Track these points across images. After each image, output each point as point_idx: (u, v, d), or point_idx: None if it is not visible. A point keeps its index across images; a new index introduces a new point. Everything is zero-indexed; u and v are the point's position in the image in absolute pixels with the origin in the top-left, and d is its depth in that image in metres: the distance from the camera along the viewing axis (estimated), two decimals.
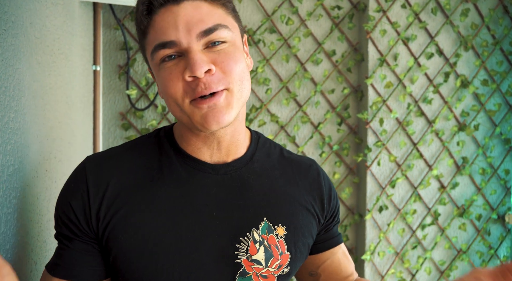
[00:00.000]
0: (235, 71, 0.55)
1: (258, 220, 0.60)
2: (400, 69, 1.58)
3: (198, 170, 0.59)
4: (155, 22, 0.55)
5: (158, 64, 0.56)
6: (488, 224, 1.66)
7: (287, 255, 0.61)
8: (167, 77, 0.55)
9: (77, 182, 0.58)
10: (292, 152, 0.69)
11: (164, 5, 0.54)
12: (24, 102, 0.67)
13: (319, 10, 1.56)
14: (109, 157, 0.60)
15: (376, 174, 1.57)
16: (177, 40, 0.53)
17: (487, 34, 1.64)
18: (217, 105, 0.54)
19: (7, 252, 0.60)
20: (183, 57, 0.54)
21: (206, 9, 0.54)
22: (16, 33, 0.63)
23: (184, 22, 0.53)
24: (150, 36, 0.56)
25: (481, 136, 1.66)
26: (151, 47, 0.56)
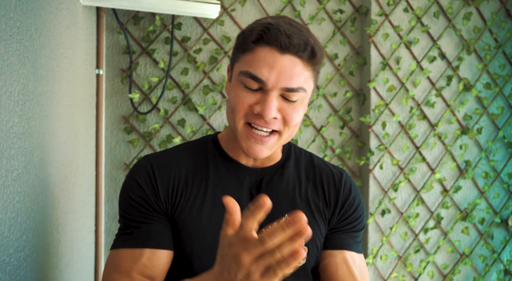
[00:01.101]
0: (293, 123, 0.66)
1: (280, 217, 0.68)
2: (402, 73, 1.58)
3: (237, 171, 0.72)
4: (257, 51, 0.63)
5: (239, 82, 0.65)
6: (491, 227, 1.65)
7: (304, 249, 0.70)
8: (241, 99, 0.65)
9: (144, 173, 0.69)
10: (324, 161, 0.79)
11: (271, 45, 0.62)
12: (28, 107, 0.67)
13: (321, 14, 1.57)
14: (165, 156, 0.72)
15: (379, 177, 1.57)
16: (266, 81, 0.63)
17: (489, 37, 1.64)
18: (263, 143, 0.66)
19: (10, 256, 0.60)
20: (261, 91, 0.64)
21: (298, 69, 0.63)
22: (21, 39, 0.64)
23: (278, 71, 0.62)
24: (247, 58, 0.65)
25: (484, 139, 1.65)
26: (244, 69, 0.64)
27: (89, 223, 1.27)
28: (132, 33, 1.46)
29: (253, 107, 0.64)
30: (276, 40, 0.62)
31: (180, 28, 1.48)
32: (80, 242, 1.11)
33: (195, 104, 1.49)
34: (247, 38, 0.65)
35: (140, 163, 0.71)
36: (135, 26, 1.47)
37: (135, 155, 1.47)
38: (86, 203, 1.21)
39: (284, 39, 0.62)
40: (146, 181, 0.68)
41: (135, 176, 0.69)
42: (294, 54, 0.63)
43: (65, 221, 0.92)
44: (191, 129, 1.48)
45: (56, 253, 0.85)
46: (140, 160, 0.72)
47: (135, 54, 1.47)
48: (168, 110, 1.48)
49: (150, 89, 1.47)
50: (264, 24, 0.64)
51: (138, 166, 0.71)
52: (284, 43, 0.62)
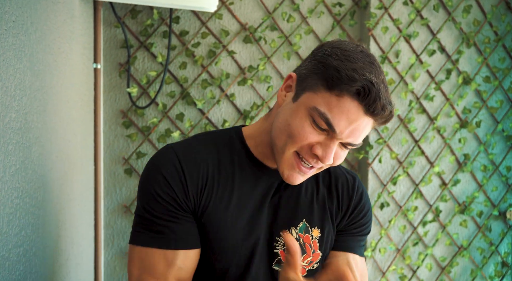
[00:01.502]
0: (336, 164, 0.67)
1: (298, 221, 0.72)
2: (401, 66, 1.58)
3: (262, 173, 0.72)
4: (345, 101, 0.61)
5: (308, 112, 0.63)
6: (489, 220, 1.66)
7: (318, 253, 0.73)
8: (305, 131, 0.63)
9: (171, 167, 0.66)
10: (339, 166, 0.79)
11: (361, 103, 0.61)
12: (25, 102, 0.67)
13: (320, 7, 1.56)
14: (192, 148, 0.69)
15: (378, 171, 1.57)
16: (338, 132, 0.62)
17: (489, 30, 1.63)
18: (304, 175, 0.67)
19: (10, 251, 0.61)
20: (327, 133, 0.63)
21: (368, 129, 0.64)
22: (17, 33, 0.63)
23: (353, 129, 0.63)
24: (330, 98, 0.62)
25: (483, 133, 1.65)
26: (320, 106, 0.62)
27: (88, 218, 1.27)
28: (130, 27, 1.45)
29: (312, 145, 0.64)
30: (371, 104, 0.61)
31: (178, 21, 1.47)
32: (80, 237, 1.12)
33: (194, 98, 1.48)
34: (342, 83, 0.60)
35: (164, 154, 0.68)
36: (132, 20, 1.45)
37: (134, 150, 1.46)
38: (85, 198, 1.21)
39: (379, 107, 0.61)
40: (174, 177, 0.65)
41: (162, 170, 0.66)
42: (371, 117, 0.63)
43: (64, 216, 0.92)
44: (189, 124, 1.48)
45: (55, 248, 0.86)
46: (163, 151, 0.68)
47: (133, 48, 1.46)
48: (167, 104, 1.48)
49: (148, 83, 1.47)
50: (367, 80, 0.60)
51: (163, 158, 0.67)
52: (377, 110, 0.61)
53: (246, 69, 1.52)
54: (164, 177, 0.65)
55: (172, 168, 0.66)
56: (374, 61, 0.65)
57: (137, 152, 1.46)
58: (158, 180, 0.65)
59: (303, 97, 0.64)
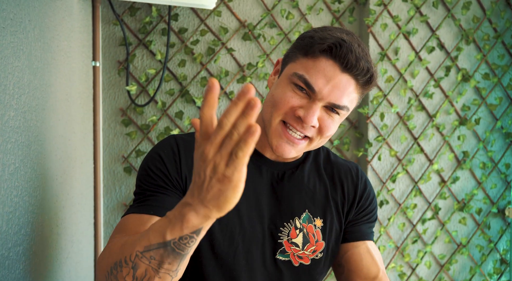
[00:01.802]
0: (327, 133, 0.67)
1: (301, 211, 0.73)
2: (401, 63, 1.58)
3: (260, 162, 0.73)
4: (320, 61, 0.64)
5: (289, 80, 0.66)
6: (488, 218, 1.66)
7: (321, 243, 0.74)
8: (286, 96, 0.65)
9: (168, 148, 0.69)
10: (337, 156, 0.82)
11: (335, 60, 0.63)
12: (24, 100, 0.67)
13: (319, 4, 1.55)
14: (192, 138, 0.71)
15: (377, 168, 1.57)
16: (318, 91, 0.64)
17: (488, 27, 1.63)
18: (293, 145, 0.67)
19: (9, 250, 0.60)
20: (308, 97, 0.65)
21: (350, 89, 0.64)
22: (15, 31, 0.63)
23: (332, 86, 0.64)
24: (307, 62, 0.65)
25: (482, 130, 1.65)
26: (299, 71, 0.65)
27: (87, 216, 1.27)
28: (129, 25, 1.45)
29: (295, 109, 0.65)
30: (344, 58, 0.62)
31: (177, 19, 1.47)
32: (79, 235, 1.12)
33: (193, 96, 1.48)
34: (315, 44, 0.64)
35: (165, 140, 0.72)
36: (131, 17, 1.45)
37: (133, 148, 1.46)
38: (84, 196, 1.21)
39: (352, 60, 0.63)
40: (169, 156, 0.68)
41: (159, 151, 0.69)
42: (353, 76, 0.64)
43: (64, 214, 0.92)
44: (189, 121, 1.48)
45: (55, 246, 0.86)
46: (166, 138, 0.72)
47: (132, 45, 1.45)
48: (166, 102, 1.48)
49: (148, 81, 1.46)
50: (338, 38, 0.64)
51: (163, 143, 0.71)
52: (350, 63, 0.63)
53: (245, 67, 1.51)
54: (159, 156, 0.68)
55: (169, 150, 0.69)
56: (351, 33, 0.67)
57: (137, 150, 1.46)
58: (154, 158, 0.69)
59: (285, 70, 0.68)
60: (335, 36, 0.64)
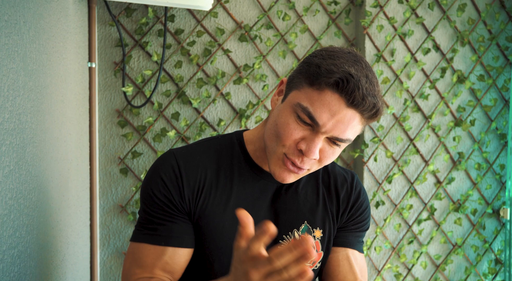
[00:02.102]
0: (326, 163, 0.67)
1: (300, 222, 0.73)
2: (396, 65, 1.58)
3: (260, 177, 0.73)
4: (325, 94, 0.62)
5: (293, 110, 0.64)
6: (483, 218, 1.68)
7: (320, 253, 0.74)
8: (290, 128, 0.64)
9: (170, 171, 0.69)
10: (336, 165, 0.81)
11: (341, 95, 0.62)
12: (19, 102, 0.66)
13: (316, 6, 1.56)
14: (192, 154, 0.72)
15: (373, 169, 1.58)
16: (321, 126, 0.63)
17: (483, 29, 1.64)
18: (294, 175, 0.67)
19: (4, 253, 0.60)
20: (312, 127, 0.64)
21: (354, 123, 0.63)
22: (9, 32, 0.62)
23: (337, 121, 0.63)
24: (312, 93, 0.63)
25: (477, 131, 1.67)
26: (303, 101, 0.63)
27: (83, 217, 1.27)
28: (125, 26, 1.44)
29: (298, 142, 0.64)
30: (350, 94, 0.61)
31: (173, 20, 1.47)
32: (75, 237, 1.11)
33: (189, 97, 1.48)
34: (321, 76, 0.62)
35: (165, 159, 0.71)
36: (127, 18, 1.44)
37: (129, 149, 1.46)
38: (80, 198, 1.20)
39: (359, 97, 0.61)
40: (172, 180, 0.69)
41: (161, 173, 0.70)
42: (359, 111, 0.63)
43: (59, 216, 0.92)
44: (185, 123, 1.48)
45: (51, 248, 0.85)
46: (165, 155, 0.72)
47: (128, 46, 1.45)
48: (162, 103, 1.47)
49: (144, 82, 1.46)
50: (345, 72, 0.61)
51: (163, 162, 0.71)
52: (357, 100, 0.61)
53: (241, 68, 1.51)
54: (162, 180, 0.69)
55: (171, 172, 0.69)
56: (360, 59, 0.65)
57: (133, 151, 1.46)
58: (157, 182, 0.69)
59: (289, 96, 0.66)
60: (343, 69, 0.62)
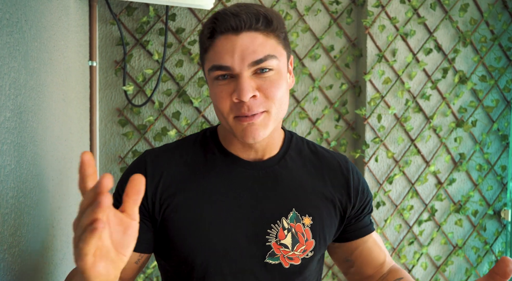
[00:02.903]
0: (276, 96, 0.64)
1: (288, 210, 0.70)
2: (398, 65, 1.58)
3: (237, 165, 0.70)
4: (215, 45, 0.63)
5: (212, 80, 0.65)
6: (484, 219, 1.67)
7: (311, 242, 0.71)
8: (218, 94, 0.64)
9: (136, 169, 0.69)
10: (326, 149, 0.78)
11: (225, 33, 0.62)
12: (20, 101, 0.66)
13: (317, 5, 1.55)
14: (164, 151, 0.72)
15: (374, 170, 1.58)
16: (231, 66, 0.62)
17: (486, 29, 1.64)
18: (255, 124, 0.64)
19: (4, 252, 0.60)
20: (234, 79, 0.63)
21: (260, 40, 0.62)
22: (11, 31, 0.62)
23: (240, 51, 0.61)
24: (209, 55, 0.64)
25: (479, 132, 1.66)
26: (209, 65, 0.64)
27: None
28: (126, 24, 1.44)
29: (231, 98, 0.63)
30: (226, 25, 0.61)
31: (175, 19, 1.46)
32: None
33: (190, 97, 1.47)
34: (203, 37, 0.65)
35: (139, 158, 0.72)
36: (128, 17, 1.44)
37: (130, 148, 1.46)
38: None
39: (233, 20, 0.61)
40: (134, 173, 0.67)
41: (130, 173, 0.69)
42: (249, 30, 0.62)
43: (60, 215, 0.92)
44: (186, 122, 1.47)
45: (51, 247, 0.85)
46: (140, 155, 0.73)
47: (129, 45, 1.45)
48: (163, 102, 1.47)
49: (145, 81, 1.46)
50: (212, 15, 0.64)
51: (136, 161, 0.72)
52: (234, 24, 0.61)
53: None
54: (124, 179, 0.68)
55: (137, 170, 0.69)
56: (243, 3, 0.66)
57: (133, 150, 1.46)
58: (123, 180, 0.69)
59: (207, 77, 0.68)
60: (210, 16, 0.65)
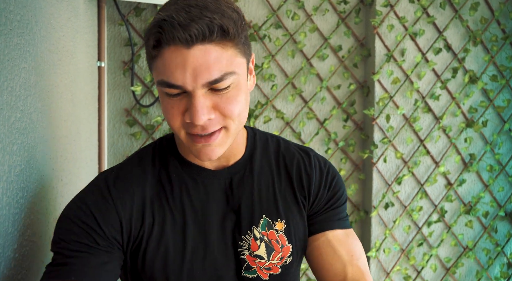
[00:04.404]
0: (235, 113, 0.56)
1: (258, 218, 0.64)
2: (407, 65, 1.56)
3: (203, 177, 0.64)
4: (163, 56, 0.54)
5: (163, 93, 0.56)
6: (495, 221, 1.65)
7: (288, 247, 0.65)
8: (169, 110, 0.56)
9: (96, 190, 0.60)
10: (290, 143, 0.70)
11: (173, 44, 0.52)
12: (30, 102, 0.66)
13: (325, 5, 1.54)
14: (125, 171, 0.63)
15: (382, 170, 1.56)
16: (183, 85, 0.53)
17: (497, 28, 1.61)
18: (212, 145, 0.57)
19: (15, 251, 0.60)
20: (186, 95, 0.55)
21: (214, 55, 0.53)
22: (21, 32, 0.63)
23: (192, 68, 0.53)
24: (158, 64, 0.55)
25: (489, 132, 1.64)
26: (158, 77, 0.55)
27: None
28: (134, 25, 1.45)
29: (184, 117, 0.55)
30: (174, 38, 0.52)
31: None
32: None
33: None
34: (149, 44, 0.55)
35: (94, 183, 0.62)
36: (136, 18, 1.45)
37: (138, 148, 1.46)
38: None
39: (181, 33, 0.51)
40: (99, 206, 0.58)
41: (86, 199, 0.59)
42: (202, 42, 0.52)
43: None
44: None
45: None
46: (94, 180, 0.62)
47: (137, 46, 1.45)
48: None
49: (152, 82, 1.46)
50: (157, 22, 0.53)
51: (91, 186, 0.61)
52: (184, 37, 0.51)
53: None
54: (87, 206, 0.58)
55: (98, 197, 0.59)
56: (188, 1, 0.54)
57: None
58: (80, 208, 0.58)
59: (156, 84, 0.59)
60: (155, 21, 0.53)
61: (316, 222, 0.67)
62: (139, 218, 0.61)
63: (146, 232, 0.61)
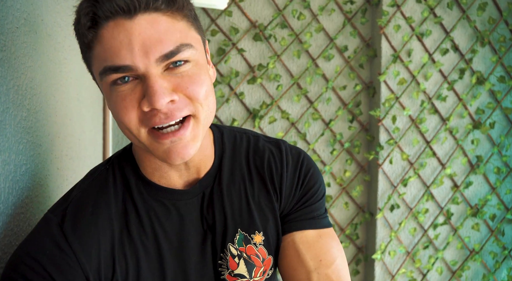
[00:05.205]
0: (200, 95, 0.48)
1: (233, 233, 0.57)
2: (413, 66, 1.55)
3: (173, 200, 0.55)
4: (102, 37, 0.45)
5: (109, 85, 0.47)
6: (502, 224, 1.63)
7: (269, 259, 0.58)
8: (119, 103, 0.47)
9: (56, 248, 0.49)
10: (260, 137, 0.62)
11: (113, 18, 0.44)
12: (36, 101, 0.66)
13: (331, 5, 1.53)
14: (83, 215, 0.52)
15: (388, 172, 1.55)
16: (133, 65, 0.45)
17: (505, 29, 1.60)
18: (183, 139, 0.48)
19: None
20: (139, 80, 0.46)
21: (165, 25, 0.45)
22: (28, 31, 0.62)
23: (140, 42, 0.44)
24: (96, 52, 0.46)
25: (497, 134, 1.62)
26: (100, 67, 0.46)
27: None
28: None
29: (141, 107, 0.46)
30: (112, 6, 0.44)
31: None
32: None
33: None
34: (81, 28, 0.46)
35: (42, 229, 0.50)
36: None
37: None
38: None
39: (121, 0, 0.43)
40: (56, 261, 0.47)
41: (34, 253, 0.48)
42: (147, 11, 0.44)
43: None
44: None
45: None
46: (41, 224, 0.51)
47: None
48: None
49: None
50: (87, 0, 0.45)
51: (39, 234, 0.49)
52: (124, 4, 0.43)
53: (255, 67, 1.50)
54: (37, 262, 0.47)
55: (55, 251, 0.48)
56: None
57: None
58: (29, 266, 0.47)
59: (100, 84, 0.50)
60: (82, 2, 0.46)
61: (286, 221, 0.59)
62: (109, 265, 0.51)
63: (120, 278, 0.52)
